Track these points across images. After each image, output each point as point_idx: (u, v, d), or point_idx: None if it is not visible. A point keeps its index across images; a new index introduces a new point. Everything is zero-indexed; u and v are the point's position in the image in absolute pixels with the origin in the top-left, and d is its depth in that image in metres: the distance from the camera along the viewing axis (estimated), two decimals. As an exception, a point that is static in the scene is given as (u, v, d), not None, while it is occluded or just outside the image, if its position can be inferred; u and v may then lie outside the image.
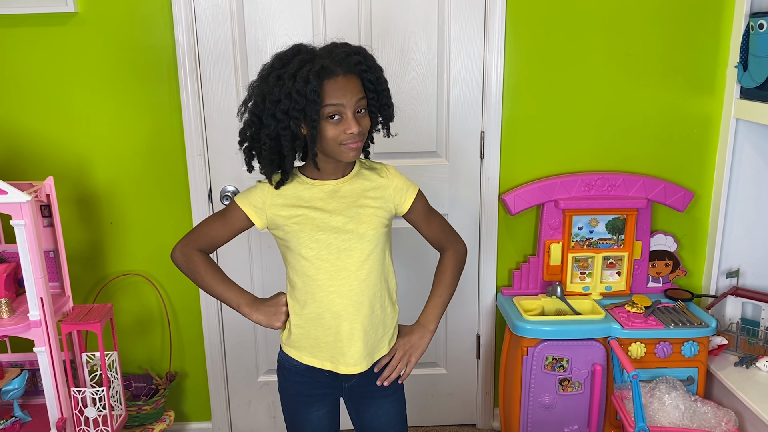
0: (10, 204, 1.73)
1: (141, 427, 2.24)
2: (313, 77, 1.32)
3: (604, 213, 2.25)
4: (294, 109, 1.34)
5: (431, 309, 1.60)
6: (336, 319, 1.47)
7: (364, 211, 1.46)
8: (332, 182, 1.47)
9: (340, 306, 1.46)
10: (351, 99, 1.36)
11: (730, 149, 2.20)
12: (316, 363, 1.52)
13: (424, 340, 1.58)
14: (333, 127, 1.37)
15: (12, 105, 2.16)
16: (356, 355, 1.49)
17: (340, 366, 1.50)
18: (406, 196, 1.53)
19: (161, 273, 2.33)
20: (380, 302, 1.50)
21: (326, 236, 1.44)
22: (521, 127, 2.25)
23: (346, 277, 1.46)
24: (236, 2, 2.11)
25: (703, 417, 2.00)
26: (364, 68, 1.39)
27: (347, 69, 1.37)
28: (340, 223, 1.44)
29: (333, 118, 1.37)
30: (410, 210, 1.54)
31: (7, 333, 1.82)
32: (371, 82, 1.40)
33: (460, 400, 2.54)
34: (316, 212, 1.45)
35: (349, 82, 1.37)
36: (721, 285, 2.34)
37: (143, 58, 2.14)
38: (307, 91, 1.32)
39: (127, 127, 2.19)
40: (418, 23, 2.15)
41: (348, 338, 1.48)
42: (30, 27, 2.08)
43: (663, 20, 2.17)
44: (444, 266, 1.61)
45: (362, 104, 1.40)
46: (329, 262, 1.45)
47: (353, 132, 1.36)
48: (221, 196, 2.25)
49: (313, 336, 1.50)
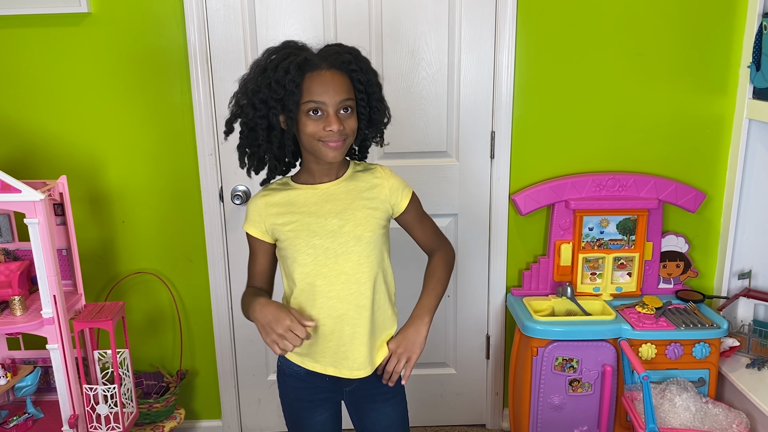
0: (24, 202, 1.75)
1: (152, 424, 2.26)
2: (294, 68, 1.32)
3: (615, 213, 2.24)
4: (272, 98, 1.34)
5: (425, 301, 1.52)
6: (338, 324, 1.45)
7: (360, 213, 1.44)
8: (325, 185, 1.46)
9: (341, 310, 1.44)
10: (334, 96, 1.34)
11: (742, 150, 2.19)
12: (318, 368, 1.50)
13: (420, 334, 1.48)
14: (313, 122, 1.36)
15: (26, 104, 2.18)
16: (359, 359, 1.47)
17: (344, 371, 1.48)
18: (402, 196, 1.49)
19: (172, 272, 2.34)
20: (381, 305, 1.48)
21: (322, 241, 1.42)
22: (532, 127, 2.25)
23: (346, 281, 1.43)
24: (248, 2, 2.12)
25: (714, 419, 1.98)
26: (354, 68, 1.37)
27: (333, 65, 1.36)
28: (336, 227, 1.42)
29: (315, 113, 1.35)
30: (406, 211, 1.51)
31: (20, 330, 1.84)
32: (361, 83, 1.38)
33: (469, 400, 2.54)
34: (311, 217, 1.43)
35: (333, 78, 1.35)
36: (733, 286, 2.33)
37: (155, 58, 2.15)
38: (285, 81, 1.32)
39: (140, 126, 2.21)
40: (428, 23, 2.15)
41: (350, 342, 1.46)
42: (44, 27, 2.10)
43: (675, 20, 2.16)
44: (435, 264, 1.56)
45: (348, 104, 1.37)
46: (327, 267, 1.42)
47: (332, 129, 1.34)
48: (232, 195, 2.26)
49: (314, 341, 1.47)
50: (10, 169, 1.81)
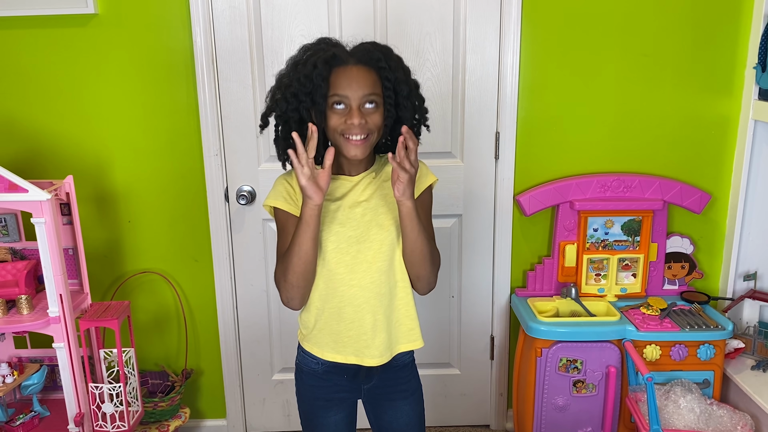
0: (30, 202, 1.76)
1: (157, 423, 2.27)
2: (321, 63, 1.35)
3: (619, 214, 2.24)
4: (301, 92, 1.37)
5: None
6: (358, 312, 1.46)
7: (383, 202, 1.46)
8: (352, 176, 1.48)
9: (362, 299, 1.45)
10: (357, 90, 1.37)
11: (747, 151, 2.19)
12: (339, 358, 1.50)
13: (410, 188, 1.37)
14: (336, 116, 1.38)
15: (33, 105, 2.19)
16: (381, 346, 1.48)
17: (366, 359, 1.49)
18: (424, 180, 1.50)
19: (178, 271, 2.35)
20: (401, 293, 1.49)
21: (345, 229, 1.44)
22: (536, 128, 2.25)
23: (367, 269, 1.45)
24: (253, 4, 2.13)
25: (718, 420, 1.98)
26: (383, 65, 1.39)
27: (361, 60, 1.38)
28: (359, 215, 1.44)
29: (338, 106, 1.38)
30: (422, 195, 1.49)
31: (27, 329, 1.86)
32: (389, 80, 1.39)
33: (473, 400, 2.54)
34: (335, 204, 1.45)
35: (359, 73, 1.37)
36: (738, 288, 2.32)
37: (161, 58, 2.16)
38: (314, 75, 1.35)
39: (146, 127, 2.22)
40: (433, 24, 2.16)
41: (372, 330, 1.47)
42: (51, 28, 2.12)
43: (680, 21, 2.16)
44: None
45: (374, 98, 1.38)
46: (349, 255, 1.44)
47: (353, 122, 1.36)
48: (237, 195, 2.27)
49: (335, 331, 1.48)
50: (17, 169, 1.82)
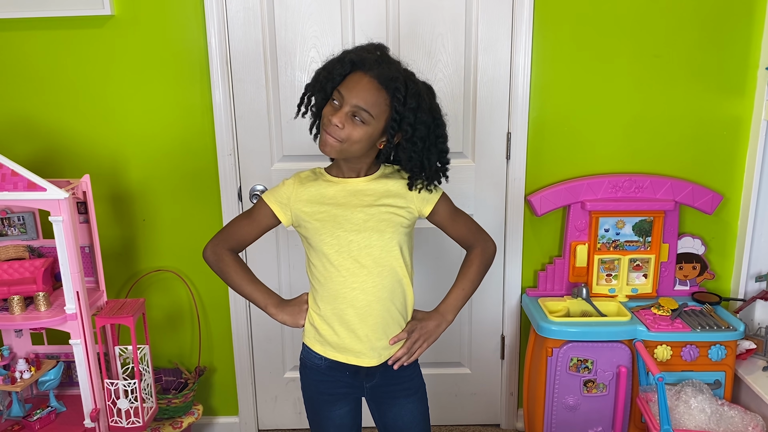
0: (48, 201, 1.79)
1: (171, 419, 2.29)
2: (348, 61, 1.40)
3: (631, 215, 2.24)
4: (323, 76, 1.43)
5: (452, 300, 1.59)
6: (359, 315, 1.50)
7: (385, 209, 1.48)
8: (354, 180, 1.50)
9: (363, 302, 1.49)
10: (354, 97, 1.39)
11: (760, 152, 2.18)
12: (340, 358, 1.54)
13: (440, 329, 1.57)
14: (329, 109, 1.43)
15: (51, 105, 2.22)
16: (378, 348, 1.52)
17: (364, 359, 1.53)
18: (426, 202, 1.53)
19: (192, 270, 2.38)
20: (400, 299, 1.53)
21: (346, 234, 1.47)
22: (548, 129, 2.25)
23: (368, 274, 1.48)
24: (267, 5, 2.15)
25: (729, 421, 1.98)
26: (398, 96, 1.38)
27: (379, 77, 1.39)
28: (361, 221, 1.47)
29: (335, 101, 1.41)
30: (433, 212, 1.55)
31: (44, 325, 1.88)
32: (397, 113, 1.40)
33: (483, 400, 2.55)
34: (338, 209, 1.48)
35: (369, 85, 1.39)
36: (750, 289, 2.31)
37: (176, 59, 2.19)
38: (335, 69, 1.41)
39: (161, 126, 2.24)
40: (445, 24, 2.17)
41: (372, 333, 1.51)
42: (68, 30, 2.15)
43: (692, 22, 2.15)
44: (470, 261, 1.62)
45: (362, 115, 1.39)
46: (350, 260, 1.47)
47: (333, 120, 1.39)
48: (251, 194, 2.29)
49: (337, 332, 1.52)
50: (35, 168, 1.84)
